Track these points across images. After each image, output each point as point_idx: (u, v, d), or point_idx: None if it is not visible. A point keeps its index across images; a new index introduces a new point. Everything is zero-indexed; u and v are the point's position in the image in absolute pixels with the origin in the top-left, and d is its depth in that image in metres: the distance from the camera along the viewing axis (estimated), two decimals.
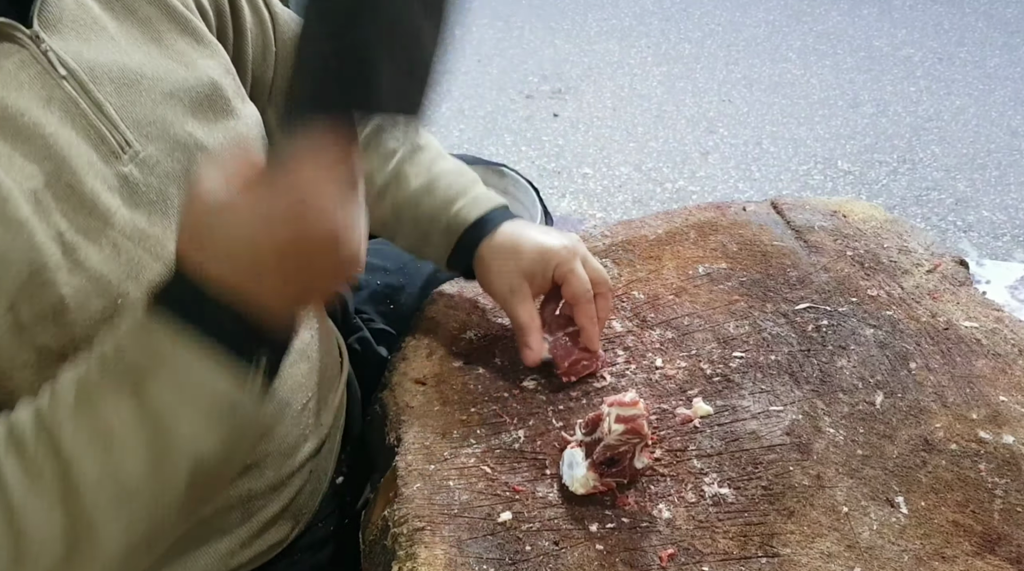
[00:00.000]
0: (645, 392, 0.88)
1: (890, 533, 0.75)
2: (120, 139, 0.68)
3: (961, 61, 3.77)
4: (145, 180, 0.70)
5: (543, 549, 0.74)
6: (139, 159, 0.69)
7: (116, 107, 0.68)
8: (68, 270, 0.62)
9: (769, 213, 1.14)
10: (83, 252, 0.64)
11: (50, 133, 0.63)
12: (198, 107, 0.75)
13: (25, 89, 0.63)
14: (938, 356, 0.92)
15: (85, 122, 0.66)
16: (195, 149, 0.74)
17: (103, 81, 0.68)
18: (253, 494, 0.81)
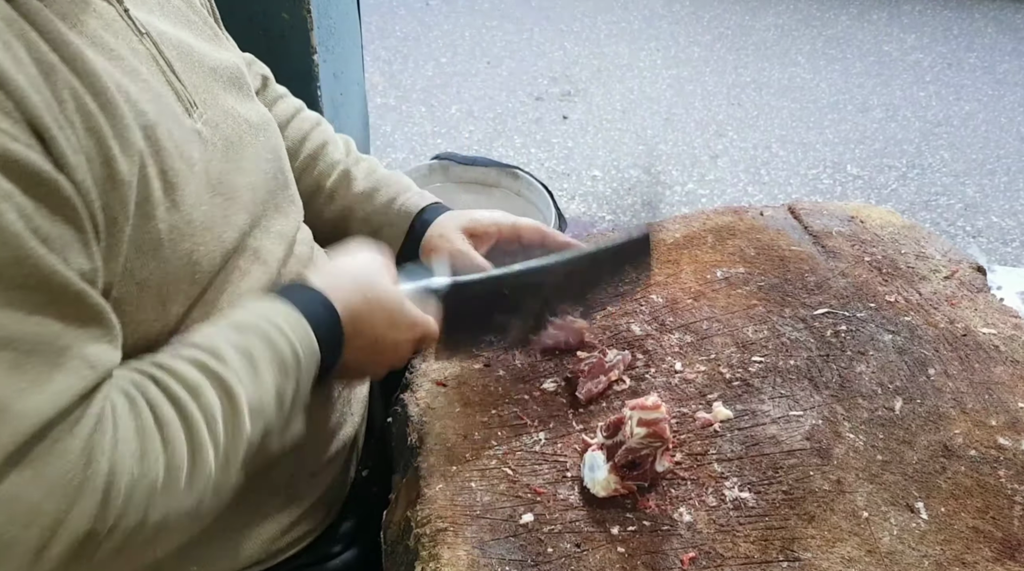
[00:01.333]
0: (664, 395, 0.88)
1: (910, 538, 0.75)
2: (189, 98, 0.73)
3: (970, 66, 3.77)
4: (212, 138, 0.74)
5: (565, 551, 0.74)
6: (205, 119, 0.75)
7: (180, 70, 0.74)
8: (166, 208, 0.66)
9: (787, 217, 1.15)
10: (179, 192, 0.68)
11: (145, 79, 0.68)
12: (232, 86, 0.82)
13: (121, 37, 0.67)
14: (956, 362, 0.92)
15: (164, 78, 0.71)
16: (240, 120, 0.80)
17: (168, 47, 0.74)
18: (296, 480, 0.84)
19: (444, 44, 4.02)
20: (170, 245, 0.67)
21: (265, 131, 0.84)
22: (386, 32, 4.09)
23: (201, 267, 0.71)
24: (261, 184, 0.81)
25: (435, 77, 3.69)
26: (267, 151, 0.83)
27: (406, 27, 4.19)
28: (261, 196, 0.80)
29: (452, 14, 4.35)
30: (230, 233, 0.74)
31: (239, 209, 0.76)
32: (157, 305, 0.68)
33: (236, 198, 0.76)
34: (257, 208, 0.79)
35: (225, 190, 0.74)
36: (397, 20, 4.26)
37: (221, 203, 0.74)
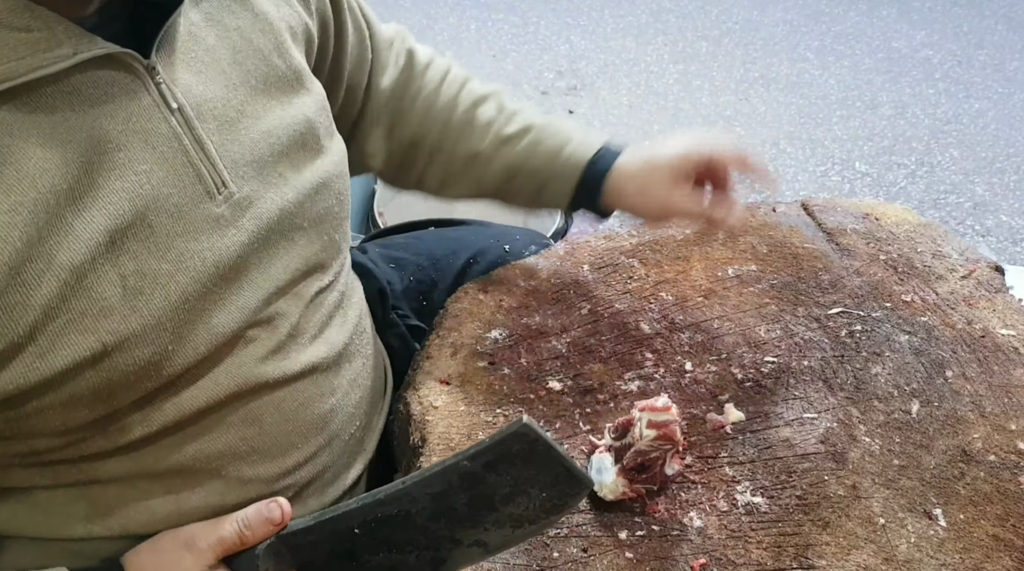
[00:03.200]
0: (675, 396, 0.86)
1: (928, 546, 0.72)
2: (217, 179, 0.67)
3: (980, 64, 3.73)
4: (236, 222, 0.68)
5: (571, 556, 0.72)
6: (233, 200, 0.68)
7: (216, 145, 0.67)
8: (122, 317, 0.61)
9: (800, 214, 1.12)
10: (145, 297, 0.62)
11: (144, 170, 0.62)
12: (292, 147, 0.74)
13: (132, 122, 0.62)
14: (975, 364, 0.89)
15: (185, 159, 0.65)
16: (287, 190, 0.73)
17: (207, 118, 0.67)
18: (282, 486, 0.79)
19: (449, 37, 3.99)
20: (119, 356, 0.61)
21: (315, 194, 0.76)
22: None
23: (172, 364, 0.65)
24: (285, 257, 0.74)
25: None
26: (306, 220, 0.76)
27: (411, 19, 4.16)
28: (291, 264, 0.75)
29: (457, 7, 4.32)
30: (226, 318, 0.68)
31: (248, 288, 0.70)
32: (97, 405, 0.63)
33: (244, 278, 0.70)
34: (275, 281, 0.73)
35: (233, 274, 0.69)
36: (402, 12, 4.23)
37: (220, 290, 0.68)
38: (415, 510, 0.64)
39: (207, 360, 0.68)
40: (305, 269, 0.76)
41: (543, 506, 0.64)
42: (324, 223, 0.78)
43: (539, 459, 0.62)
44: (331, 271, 0.81)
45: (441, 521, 0.64)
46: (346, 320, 0.84)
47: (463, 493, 0.63)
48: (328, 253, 0.80)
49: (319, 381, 0.78)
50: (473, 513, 0.64)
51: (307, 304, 0.77)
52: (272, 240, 0.72)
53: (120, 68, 0.61)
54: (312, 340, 0.78)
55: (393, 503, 0.63)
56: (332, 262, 0.81)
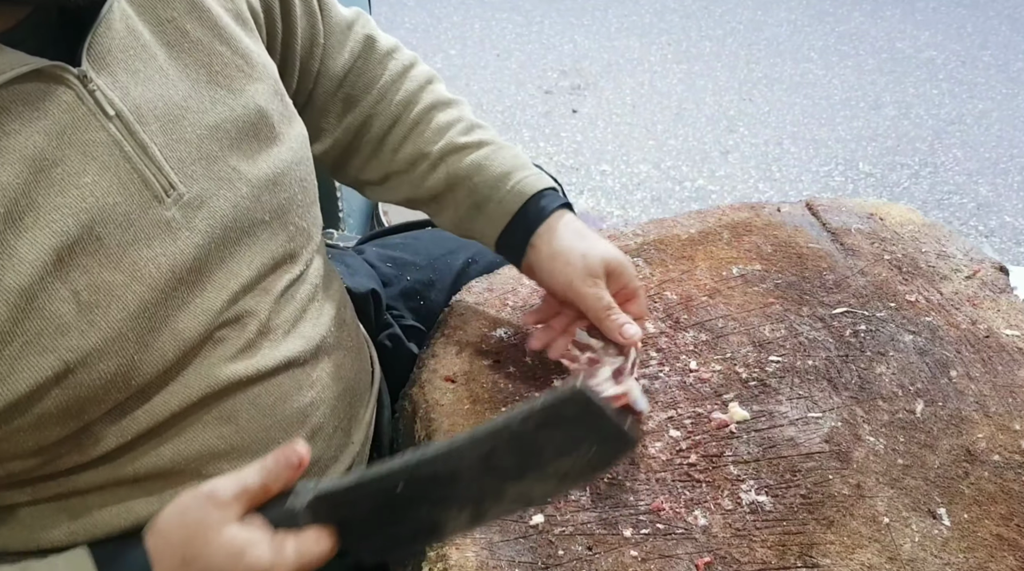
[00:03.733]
0: (679, 395, 0.86)
1: (932, 546, 0.73)
2: (164, 182, 0.65)
3: (984, 64, 3.73)
4: (188, 224, 0.67)
5: (576, 554, 0.72)
6: (183, 202, 0.66)
7: (161, 147, 0.65)
8: (80, 333, 0.60)
9: (804, 214, 1.12)
10: (101, 311, 0.61)
11: (87, 182, 0.61)
12: (243, 138, 0.72)
13: (67, 134, 0.60)
14: (979, 364, 0.90)
15: (129, 166, 0.63)
16: (240, 183, 0.71)
17: (148, 119, 0.65)
18: None
19: (453, 36, 4.00)
20: (84, 371, 0.61)
21: (273, 186, 0.75)
22: (395, 23, 4.06)
23: (140, 373, 0.64)
24: (249, 253, 0.73)
25: (444, 69, 3.67)
26: (267, 213, 0.74)
27: (415, 18, 4.17)
28: (255, 260, 0.73)
29: (461, 6, 4.33)
30: (191, 322, 0.67)
31: (212, 290, 0.69)
32: (68, 421, 0.62)
33: (207, 281, 0.69)
34: (240, 280, 0.72)
35: (193, 277, 0.68)
36: (406, 11, 4.24)
37: (182, 294, 0.67)
38: (462, 468, 0.65)
39: (175, 365, 0.67)
40: (272, 263, 0.75)
41: (590, 463, 0.66)
42: (288, 213, 0.76)
43: (590, 420, 0.65)
44: (301, 260, 0.80)
45: (487, 478, 0.66)
46: (322, 313, 0.82)
47: (511, 452, 0.65)
48: (296, 242, 0.78)
49: (296, 375, 0.77)
50: (520, 471, 0.66)
51: (276, 299, 0.76)
52: (231, 238, 0.70)
53: (49, 81, 0.59)
54: (286, 335, 0.76)
55: (440, 462, 0.65)
56: (301, 251, 0.80)
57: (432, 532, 0.68)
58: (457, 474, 0.66)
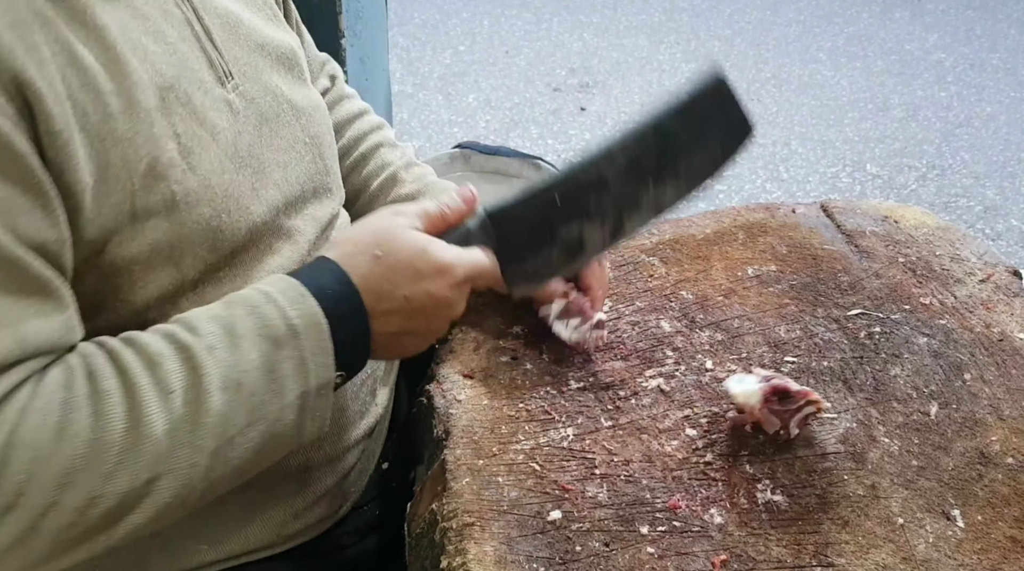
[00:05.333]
0: (695, 394, 0.87)
1: (946, 547, 0.73)
2: (224, 68, 0.72)
3: (993, 67, 3.73)
4: (244, 111, 0.73)
5: (593, 550, 0.73)
6: (240, 91, 0.73)
7: (220, 40, 0.72)
8: (182, 170, 0.65)
9: (819, 216, 1.13)
10: (196, 157, 0.66)
11: (171, 43, 0.67)
12: (281, 65, 0.80)
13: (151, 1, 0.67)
14: (993, 368, 0.90)
15: (198, 44, 0.70)
16: (281, 99, 0.78)
17: (211, 13, 0.73)
18: (310, 465, 0.82)
19: (462, 32, 4.00)
20: (186, 209, 0.66)
21: (309, 116, 0.82)
22: (404, 19, 4.07)
23: (223, 235, 0.69)
24: (296, 165, 0.79)
25: (453, 65, 3.68)
26: (307, 135, 0.81)
27: (425, 14, 4.17)
28: (296, 176, 0.79)
29: (471, 2, 4.33)
30: (259, 207, 0.73)
31: (270, 185, 0.75)
32: (170, 268, 0.66)
33: (266, 173, 0.75)
34: (291, 188, 0.78)
35: (255, 163, 0.73)
36: (416, 7, 4.24)
37: (249, 175, 0.72)
38: (611, 174, 0.72)
39: (244, 248, 0.72)
40: (313, 187, 0.81)
41: (714, 155, 0.74)
42: (321, 146, 0.83)
43: (723, 104, 0.72)
44: (335, 200, 0.87)
45: (630, 182, 0.72)
46: None
47: (654, 149, 0.72)
48: (330, 179, 0.85)
49: None
50: (658, 168, 0.73)
51: (322, 228, 0.82)
52: (278, 143, 0.77)
53: None
54: None
55: (592, 168, 0.72)
56: (335, 191, 0.87)
57: (578, 253, 0.76)
58: (606, 181, 0.72)
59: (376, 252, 0.68)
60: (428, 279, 0.69)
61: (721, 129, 0.73)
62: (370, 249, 0.69)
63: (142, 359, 0.59)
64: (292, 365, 0.63)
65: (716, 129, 0.72)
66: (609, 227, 0.72)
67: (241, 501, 0.77)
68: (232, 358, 0.61)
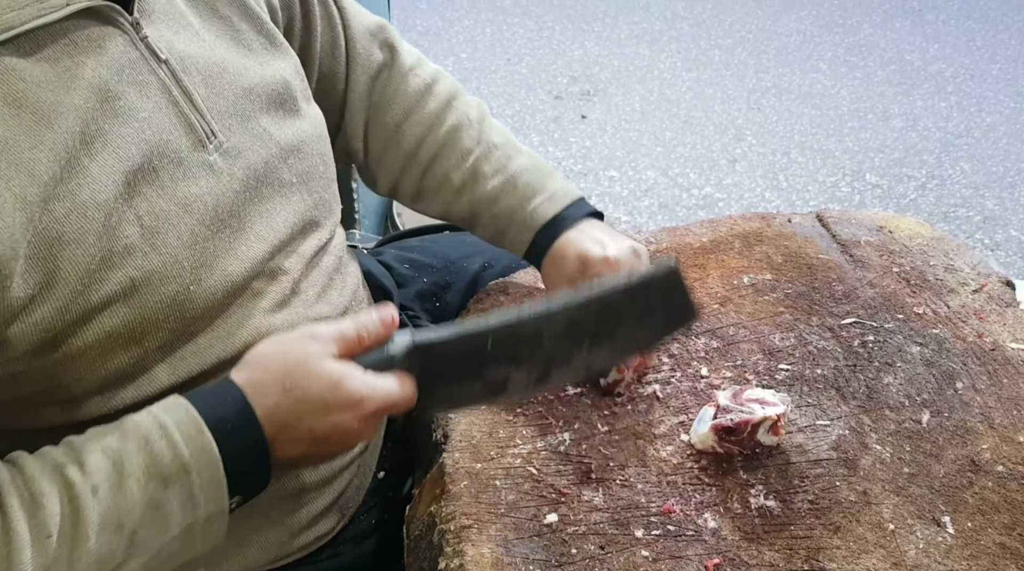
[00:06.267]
0: (691, 400, 0.88)
1: (936, 553, 0.74)
2: (207, 128, 0.71)
3: (993, 78, 3.75)
4: (228, 170, 0.72)
5: (589, 553, 0.74)
6: (223, 149, 0.72)
7: (203, 98, 0.71)
8: (143, 254, 0.65)
9: (815, 225, 1.14)
10: (162, 236, 0.66)
11: (144, 118, 0.66)
12: (271, 104, 0.79)
13: (125, 73, 0.66)
14: (985, 377, 0.91)
15: (176, 110, 0.69)
16: (270, 144, 0.77)
17: (192, 71, 0.71)
18: (304, 487, 0.82)
19: (464, 40, 4.02)
20: (147, 290, 0.65)
21: (298, 152, 0.80)
22: (407, 26, 4.09)
23: (193, 304, 0.69)
24: (281, 211, 0.78)
25: (455, 72, 3.69)
26: (295, 175, 0.79)
27: (427, 21, 4.19)
28: (283, 220, 0.78)
29: (473, 10, 4.35)
30: (237, 265, 0.72)
31: (252, 238, 0.74)
32: (131, 346, 0.66)
33: (248, 229, 0.74)
34: (277, 234, 0.77)
35: (235, 223, 0.72)
36: (418, 14, 4.26)
37: (228, 236, 0.72)
38: (547, 331, 0.72)
39: (222, 305, 0.72)
40: (302, 225, 0.80)
41: (654, 331, 0.76)
42: (311, 181, 0.82)
43: (671, 294, 0.75)
44: (326, 229, 0.85)
45: (565, 341, 0.73)
46: (345, 285, 0.87)
47: (594, 319, 0.73)
48: (320, 211, 0.83)
49: None
50: (596, 337, 0.73)
51: (308, 262, 0.81)
52: (264, 192, 0.76)
53: (108, 23, 0.65)
54: (316, 298, 0.82)
55: (531, 323, 0.72)
56: (325, 221, 0.85)
57: (500, 391, 0.75)
58: (541, 336, 0.72)
59: (285, 383, 0.66)
60: (337, 412, 0.67)
61: (665, 311, 0.76)
62: (280, 380, 0.66)
63: (24, 500, 0.58)
64: (180, 501, 0.63)
65: (660, 310, 0.75)
66: (536, 375, 0.73)
67: (238, 524, 0.75)
68: (115, 499, 0.60)
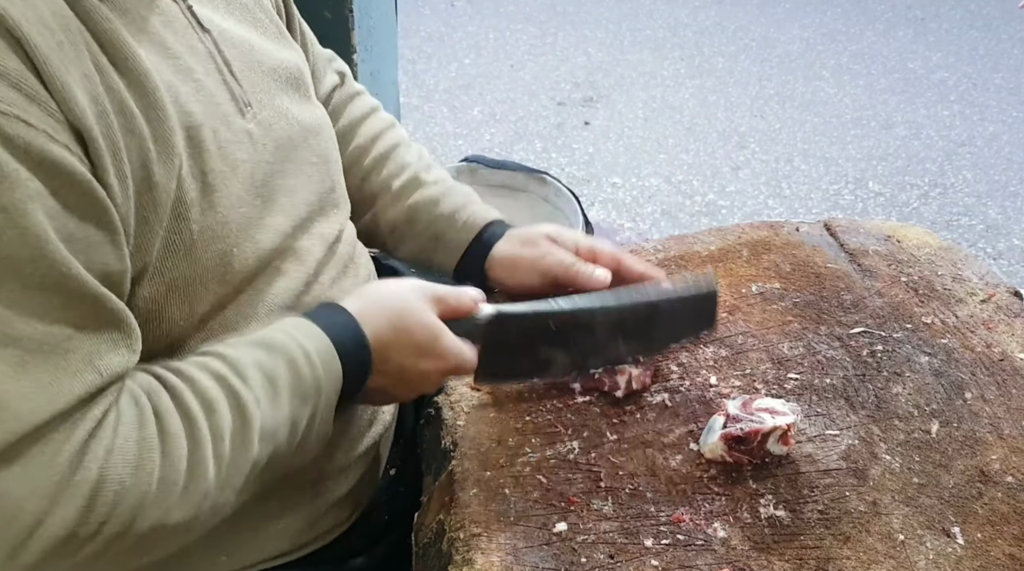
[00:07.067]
0: (700, 409, 0.88)
1: (946, 563, 0.74)
2: (244, 98, 0.74)
3: (996, 87, 3.75)
4: (262, 140, 0.75)
5: (598, 562, 0.74)
6: (258, 119, 0.75)
7: (238, 69, 0.74)
8: (200, 209, 0.67)
9: (822, 234, 1.14)
10: (217, 194, 0.68)
11: (199, 79, 0.69)
12: (290, 86, 0.82)
13: (180, 35, 0.69)
14: (994, 387, 0.91)
15: (221, 77, 0.72)
16: (292, 121, 0.80)
17: (228, 44, 0.74)
18: (323, 475, 0.84)
19: (468, 45, 4.03)
20: (202, 246, 0.68)
21: (316, 134, 0.84)
22: (411, 32, 4.10)
23: (232, 268, 0.71)
24: (303, 187, 0.81)
25: (458, 78, 3.70)
26: (314, 155, 0.83)
27: (430, 27, 4.20)
28: (304, 198, 0.81)
29: (477, 15, 4.36)
30: (266, 236, 0.75)
31: (278, 212, 0.77)
32: (184, 305, 0.69)
33: (275, 201, 0.76)
34: (298, 211, 0.80)
35: (267, 192, 0.75)
36: (422, 20, 4.27)
37: (260, 206, 0.74)
38: (600, 322, 0.83)
39: (250, 277, 0.74)
40: (320, 205, 0.83)
41: (677, 335, 0.90)
42: (328, 164, 0.86)
43: (707, 306, 0.90)
44: (341, 214, 0.89)
45: (607, 332, 0.84)
46: (359, 274, 0.90)
47: (639, 319, 0.85)
48: (337, 195, 0.88)
49: None
50: (632, 333, 0.85)
51: (329, 246, 0.84)
52: (289, 169, 0.79)
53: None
54: (331, 284, 0.84)
55: (588, 313, 0.83)
56: (342, 205, 0.89)
57: (544, 370, 0.86)
58: (593, 325, 0.83)
59: (395, 321, 0.76)
60: (425, 359, 0.77)
61: (694, 320, 0.90)
62: (389, 317, 0.76)
63: (201, 403, 0.63)
64: (309, 416, 0.71)
65: (691, 319, 0.89)
66: (577, 360, 0.85)
67: (258, 512, 0.79)
68: (272, 412, 0.67)
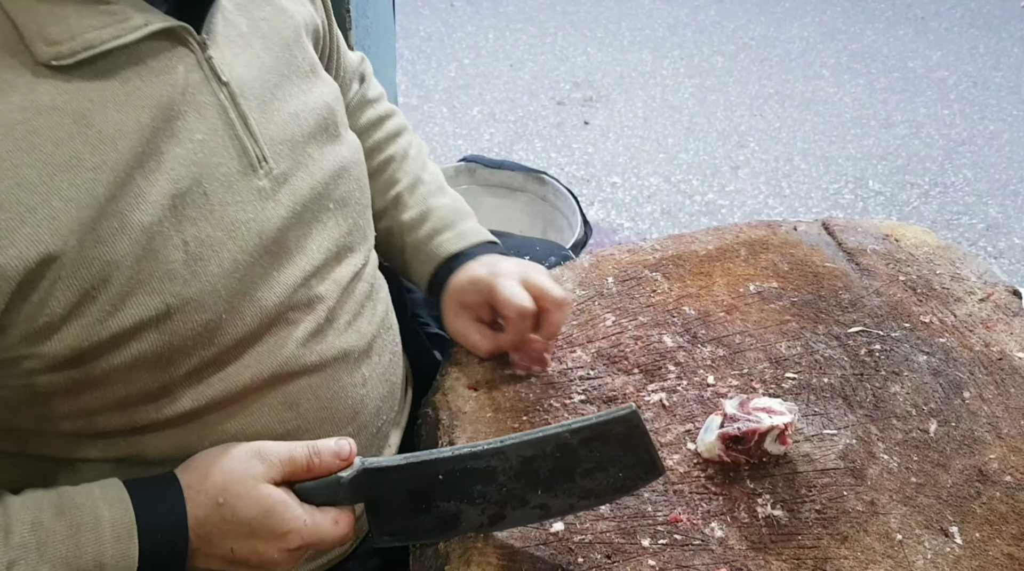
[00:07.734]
0: (697, 409, 0.88)
1: (944, 563, 0.74)
2: (259, 153, 0.71)
3: (996, 86, 3.74)
4: (275, 196, 0.72)
5: (595, 562, 0.74)
6: (272, 175, 0.72)
7: (257, 122, 0.71)
8: (183, 281, 0.64)
9: (820, 233, 1.14)
10: (204, 263, 0.66)
11: (199, 139, 0.66)
12: (317, 130, 0.79)
13: (188, 92, 0.66)
14: (992, 386, 0.91)
15: (232, 132, 0.69)
16: (314, 170, 0.77)
17: (248, 95, 0.71)
18: None
19: (467, 45, 4.02)
20: (180, 317, 0.65)
21: (341, 177, 0.81)
22: (409, 32, 4.09)
23: (223, 332, 0.69)
24: (317, 236, 0.78)
25: (457, 78, 3.69)
26: (332, 202, 0.80)
27: (430, 27, 4.19)
28: (318, 246, 0.78)
29: (476, 15, 4.35)
30: (271, 294, 0.72)
31: (288, 266, 0.74)
32: (156, 371, 0.66)
33: (287, 256, 0.74)
34: (312, 261, 0.77)
35: (276, 248, 0.72)
36: (421, 20, 4.26)
37: (268, 263, 0.72)
38: (501, 468, 0.70)
39: (253, 336, 0.72)
40: (337, 251, 0.80)
41: (614, 485, 0.73)
42: (348, 207, 0.82)
43: (631, 443, 0.71)
44: (360, 255, 0.85)
45: (520, 482, 0.71)
46: (375, 313, 0.87)
47: (550, 461, 0.70)
48: (355, 237, 0.84)
49: (351, 370, 0.81)
50: (552, 480, 0.71)
51: (343, 289, 0.81)
52: (306, 219, 0.76)
53: (178, 42, 0.66)
54: (347, 327, 0.81)
55: (484, 458, 0.70)
56: (360, 247, 0.85)
57: (451, 527, 0.72)
58: (494, 473, 0.70)
59: (219, 499, 0.66)
60: (261, 540, 0.67)
61: (625, 462, 0.72)
62: (216, 493, 0.66)
63: None
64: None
65: (620, 461, 0.72)
66: (489, 514, 0.72)
67: None
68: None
